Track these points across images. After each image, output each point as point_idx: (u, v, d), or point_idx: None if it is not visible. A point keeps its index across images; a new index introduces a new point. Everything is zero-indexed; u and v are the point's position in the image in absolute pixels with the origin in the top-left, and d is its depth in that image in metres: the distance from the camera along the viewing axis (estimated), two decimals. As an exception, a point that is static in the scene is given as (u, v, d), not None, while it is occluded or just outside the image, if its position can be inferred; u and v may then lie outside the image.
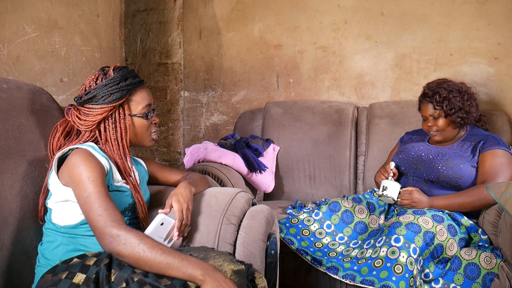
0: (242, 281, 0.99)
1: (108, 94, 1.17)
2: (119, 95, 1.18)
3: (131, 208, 1.23)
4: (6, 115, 1.19)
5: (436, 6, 2.31)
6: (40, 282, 1.02)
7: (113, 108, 1.18)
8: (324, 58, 2.55)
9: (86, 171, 1.06)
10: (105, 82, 1.18)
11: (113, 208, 1.03)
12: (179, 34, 2.84)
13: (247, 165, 2.13)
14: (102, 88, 1.18)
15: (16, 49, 1.82)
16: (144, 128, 1.24)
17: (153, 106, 1.27)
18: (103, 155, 1.16)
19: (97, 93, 1.17)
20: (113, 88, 1.18)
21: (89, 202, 1.03)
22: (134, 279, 0.96)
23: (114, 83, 1.18)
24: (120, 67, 1.24)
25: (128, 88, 1.20)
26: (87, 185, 1.04)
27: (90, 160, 1.08)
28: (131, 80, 1.21)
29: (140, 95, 1.23)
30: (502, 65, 2.21)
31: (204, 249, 1.10)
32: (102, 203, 1.03)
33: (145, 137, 1.26)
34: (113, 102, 1.18)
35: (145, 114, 1.23)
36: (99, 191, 1.04)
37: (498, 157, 1.62)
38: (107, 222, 1.00)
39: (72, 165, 1.08)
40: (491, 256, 1.46)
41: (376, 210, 1.79)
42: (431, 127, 1.76)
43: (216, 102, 2.82)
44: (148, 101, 1.25)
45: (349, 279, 1.46)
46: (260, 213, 1.33)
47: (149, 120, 1.25)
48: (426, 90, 1.78)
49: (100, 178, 1.07)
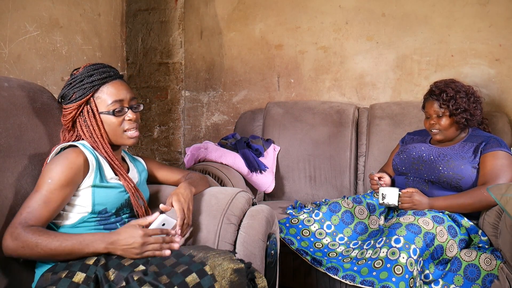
0: (242, 280, 0.99)
1: (71, 93, 1.18)
2: (81, 93, 1.17)
3: (128, 205, 1.23)
4: (7, 113, 1.19)
5: (437, 8, 2.31)
6: (40, 281, 1.02)
7: (79, 107, 1.17)
8: (325, 59, 2.55)
9: (53, 172, 1.08)
10: (69, 81, 1.19)
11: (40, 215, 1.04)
12: (180, 33, 2.84)
13: (248, 165, 2.13)
14: (67, 87, 1.19)
15: (17, 47, 1.82)
16: (113, 125, 1.19)
17: (128, 103, 1.20)
18: (92, 152, 1.17)
19: (64, 93, 1.19)
20: (76, 86, 1.17)
21: (29, 198, 1.06)
22: (134, 278, 0.96)
23: (77, 81, 1.17)
24: (92, 64, 1.20)
25: (93, 85, 1.16)
26: (42, 184, 1.07)
27: (68, 160, 1.09)
28: (97, 76, 1.17)
29: (107, 91, 1.18)
30: (503, 67, 2.21)
31: (204, 248, 1.10)
32: (33, 205, 1.04)
33: (119, 135, 1.20)
34: (76, 100, 1.17)
35: (112, 111, 1.17)
36: (44, 195, 1.05)
37: (500, 159, 1.62)
38: (17, 221, 1.02)
39: (51, 162, 1.11)
40: (491, 257, 1.46)
41: (376, 210, 1.79)
42: (433, 125, 1.76)
43: (217, 102, 2.82)
44: (117, 96, 1.18)
45: (349, 279, 1.46)
46: (260, 213, 1.33)
47: (119, 118, 1.19)
48: (433, 88, 1.78)
49: (62, 182, 1.07)
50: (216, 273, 0.98)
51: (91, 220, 1.14)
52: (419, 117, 2.17)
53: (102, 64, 1.21)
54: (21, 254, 1.02)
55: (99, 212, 1.15)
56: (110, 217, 1.17)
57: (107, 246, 1.03)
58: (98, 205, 1.14)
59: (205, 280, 0.96)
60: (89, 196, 1.13)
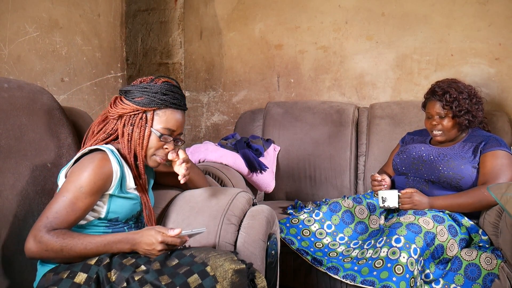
0: (242, 281, 0.99)
1: (139, 95, 1.18)
2: (147, 101, 1.17)
3: (137, 215, 1.24)
4: (7, 114, 1.19)
5: (437, 7, 2.31)
6: (41, 281, 1.02)
7: (137, 111, 1.17)
8: (325, 58, 2.55)
9: (85, 178, 1.07)
10: (145, 85, 1.19)
11: (66, 220, 1.04)
12: (180, 34, 2.84)
13: (248, 165, 2.13)
14: (140, 89, 1.18)
15: (17, 48, 1.82)
16: (152, 145, 1.19)
17: (176, 135, 1.22)
18: (118, 160, 1.15)
19: (133, 90, 1.19)
20: (147, 93, 1.17)
21: (56, 202, 1.05)
22: (135, 278, 0.96)
23: (151, 90, 1.17)
24: (171, 84, 1.21)
25: (162, 103, 1.17)
26: (73, 191, 1.06)
27: (100, 169, 1.09)
28: (170, 98, 1.18)
29: (168, 115, 1.19)
30: (503, 66, 2.21)
31: (205, 249, 1.10)
32: (61, 211, 1.04)
33: (149, 155, 1.20)
34: (139, 104, 1.17)
35: (161, 134, 1.18)
36: (74, 203, 1.05)
37: (499, 158, 1.62)
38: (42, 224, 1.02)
39: (80, 165, 1.10)
40: (491, 256, 1.46)
41: (376, 210, 1.79)
42: (435, 125, 1.75)
43: (216, 102, 2.82)
44: (173, 126, 1.19)
45: (349, 279, 1.46)
46: (261, 213, 1.33)
47: (161, 142, 1.19)
48: (436, 88, 1.76)
49: (92, 191, 1.07)
50: (218, 274, 0.98)
51: (101, 225, 1.15)
52: (419, 116, 2.17)
53: (178, 88, 1.22)
54: (45, 257, 1.02)
55: (110, 219, 1.15)
56: (118, 224, 1.18)
57: (131, 247, 1.05)
58: (112, 213, 1.15)
59: (207, 281, 0.96)
60: (105, 204, 1.14)
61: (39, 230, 1.01)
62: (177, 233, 1.03)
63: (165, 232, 1.04)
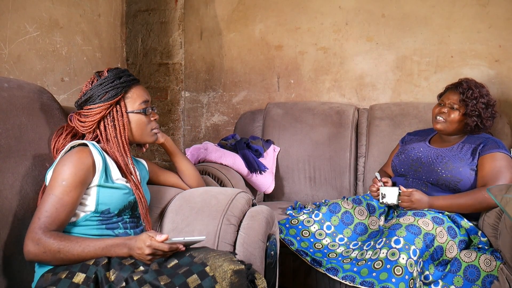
0: (242, 281, 0.99)
1: (103, 92, 1.21)
2: (114, 93, 1.21)
3: (131, 206, 1.23)
4: (7, 114, 1.19)
5: (437, 8, 2.31)
6: (40, 281, 1.02)
7: (110, 106, 1.21)
8: (325, 59, 2.55)
9: (66, 172, 1.08)
10: (100, 82, 1.22)
11: (58, 218, 1.05)
12: (180, 34, 2.84)
13: (247, 166, 2.13)
14: (97, 87, 1.21)
15: (17, 48, 1.82)
16: (143, 124, 1.27)
17: (150, 103, 1.30)
18: (100, 152, 1.17)
19: (93, 93, 1.21)
20: (108, 86, 1.21)
21: (44, 201, 1.07)
22: (134, 278, 0.96)
23: (109, 82, 1.22)
24: (114, 68, 1.27)
25: (123, 85, 1.23)
26: (57, 187, 1.07)
27: (79, 161, 1.10)
28: (125, 78, 1.24)
29: (135, 92, 1.26)
30: (503, 68, 2.21)
31: (204, 249, 1.10)
32: (51, 209, 1.05)
33: (146, 133, 1.28)
34: (109, 99, 1.20)
35: (142, 110, 1.25)
36: (61, 198, 1.06)
37: (498, 160, 1.62)
38: (36, 226, 1.03)
39: (61, 161, 1.12)
40: (490, 258, 1.46)
41: (376, 211, 1.79)
42: (443, 112, 1.75)
43: (216, 102, 2.82)
44: (145, 97, 1.27)
45: (348, 280, 1.46)
46: (260, 214, 1.33)
47: (148, 116, 1.27)
48: (462, 82, 1.77)
49: (75, 183, 1.08)
50: (217, 274, 0.98)
51: (94, 219, 1.14)
52: (419, 117, 2.17)
53: (125, 69, 1.29)
54: (43, 259, 1.03)
55: (102, 212, 1.15)
56: (112, 217, 1.18)
57: (128, 251, 1.06)
58: (101, 204, 1.14)
59: (206, 282, 0.96)
60: (94, 195, 1.14)
61: (35, 232, 1.02)
62: (164, 239, 1.02)
63: (154, 237, 1.03)
